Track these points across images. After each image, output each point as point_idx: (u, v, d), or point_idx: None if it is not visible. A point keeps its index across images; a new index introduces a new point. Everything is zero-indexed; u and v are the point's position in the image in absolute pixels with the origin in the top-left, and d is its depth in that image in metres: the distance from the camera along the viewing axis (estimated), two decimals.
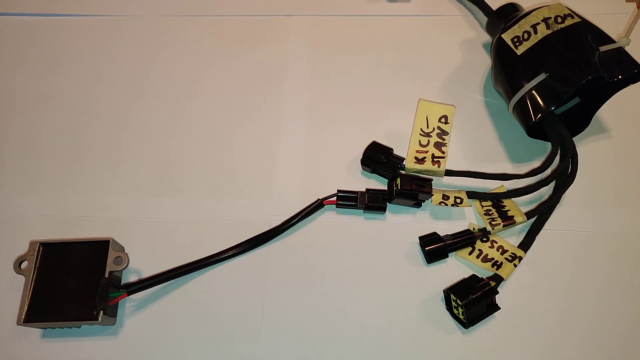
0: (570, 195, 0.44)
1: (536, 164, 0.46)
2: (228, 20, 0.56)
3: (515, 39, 0.44)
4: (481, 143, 0.48)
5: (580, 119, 0.46)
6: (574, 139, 0.45)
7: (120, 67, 0.54)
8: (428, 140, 0.45)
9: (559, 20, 0.43)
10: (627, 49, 0.42)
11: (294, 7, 0.56)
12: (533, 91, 0.42)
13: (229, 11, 0.57)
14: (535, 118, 0.41)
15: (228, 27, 0.56)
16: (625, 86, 0.42)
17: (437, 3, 0.56)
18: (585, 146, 0.47)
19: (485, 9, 0.53)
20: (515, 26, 0.44)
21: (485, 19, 0.53)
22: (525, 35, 0.43)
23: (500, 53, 0.45)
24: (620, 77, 0.41)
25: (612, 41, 0.42)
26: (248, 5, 0.57)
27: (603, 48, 0.42)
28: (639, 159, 0.47)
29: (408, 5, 0.56)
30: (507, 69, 0.45)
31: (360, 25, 0.56)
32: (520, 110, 0.43)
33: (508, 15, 0.49)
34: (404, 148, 0.45)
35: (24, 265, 0.39)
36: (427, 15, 0.56)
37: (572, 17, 0.43)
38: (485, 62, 0.52)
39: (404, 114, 0.49)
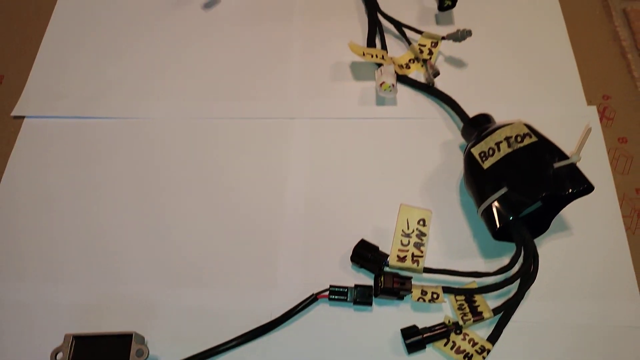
0: (534, 290, 0.51)
1: (505, 260, 0.52)
2: (236, 123, 0.64)
3: (482, 154, 0.51)
4: (456, 240, 0.55)
5: (542, 222, 0.52)
6: (538, 239, 0.51)
7: (138, 164, 0.62)
8: (409, 240, 0.51)
9: (519, 139, 0.50)
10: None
11: (296, 111, 0.64)
12: (496, 202, 0.49)
13: (239, 114, 0.65)
14: (498, 226, 0.48)
15: (236, 128, 0.64)
16: (578, 197, 0.49)
17: (420, 106, 0.64)
18: (548, 243, 0.54)
19: (462, 115, 0.60)
20: (482, 142, 0.52)
21: (461, 123, 0.60)
22: (490, 152, 0.51)
23: (470, 164, 0.52)
24: (571, 191, 0.48)
25: (566, 157, 0.49)
26: (255, 110, 0.65)
27: (557, 164, 0.49)
28: (595, 255, 0.53)
29: (395, 108, 0.64)
30: (475, 179, 0.52)
31: (353, 127, 0.63)
32: (487, 218, 0.49)
33: (480, 124, 0.56)
34: (389, 244, 0.52)
35: (59, 356, 0.46)
36: (412, 118, 0.63)
37: (530, 137, 0.50)
38: (460, 162, 0.60)
39: (389, 211, 0.56)
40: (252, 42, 0.70)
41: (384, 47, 0.68)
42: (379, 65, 0.64)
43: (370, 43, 0.68)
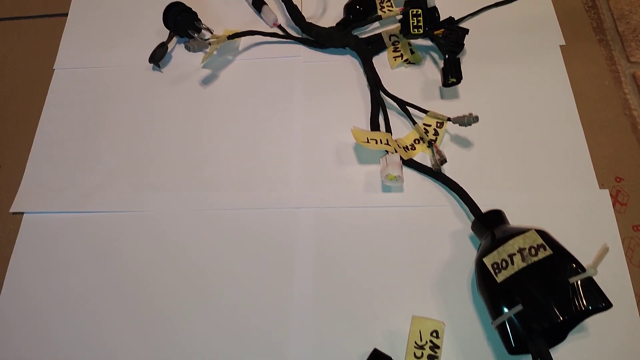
0: None
1: None
2: (238, 214, 0.63)
3: (495, 266, 0.50)
4: (471, 348, 0.53)
5: (560, 331, 0.51)
6: (555, 348, 0.50)
7: (138, 258, 0.61)
8: (422, 352, 0.50)
9: (533, 252, 0.49)
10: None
11: (300, 200, 0.63)
12: (511, 319, 0.47)
13: (241, 205, 0.63)
14: (513, 345, 0.47)
15: (238, 220, 0.62)
16: (595, 314, 0.48)
17: (428, 193, 0.62)
18: (566, 353, 0.52)
19: (472, 207, 0.58)
20: (495, 253, 0.50)
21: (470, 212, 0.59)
22: (504, 264, 0.49)
23: (483, 274, 0.51)
24: (590, 308, 0.46)
25: (583, 269, 0.48)
26: (258, 200, 0.64)
27: (574, 279, 0.47)
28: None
29: (401, 196, 0.63)
30: (489, 290, 0.50)
31: (359, 216, 0.62)
32: (501, 333, 0.48)
33: (492, 223, 0.55)
34: (401, 349, 0.51)
35: None
36: (419, 205, 0.62)
37: (545, 249, 0.49)
38: (471, 255, 0.58)
39: (400, 311, 0.55)
40: (252, 127, 0.69)
41: (387, 127, 0.66)
42: (386, 151, 0.63)
43: (374, 123, 0.66)
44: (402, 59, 0.71)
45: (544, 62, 0.70)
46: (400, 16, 0.74)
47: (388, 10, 0.74)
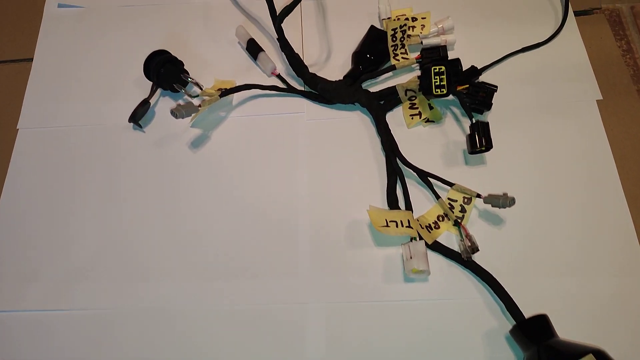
0: None
1: None
2: (237, 310, 0.54)
3: None
4: None
5: None
6: None
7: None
8: None
9: None
10: None
11: (308, 293, 0.54)
12: None
13: (239, 299, 0.55)
14: None
15: (236, 318, 0.54)
16: None
17: (456, 284, 0.54)
18: None
19: (512, 310, 0.50)
20: None
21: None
22: None
23: None
24: None
25: None
26: (259, 293, 0.55)
27: None
28: None
29: (426, 286, 0.54)
30: None
31: (377, 312, 0.53)
32: None
33: (538, 335, 0.47)
34: None
35: None
36: (447, 299, 0.54)
37: None
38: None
39: None
40: (250, 201, 0.59)
41: (407, 202, 0.57)
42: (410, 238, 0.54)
43: (391, 197, 0.58)
44: (420, 117, 0.62)
45: (580, 121, 0.62)
46: (417, 65, 0.65)
47: (403, 58, 0.65)
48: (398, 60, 0.65)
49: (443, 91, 0.58)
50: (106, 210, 0.60)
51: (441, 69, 0.57)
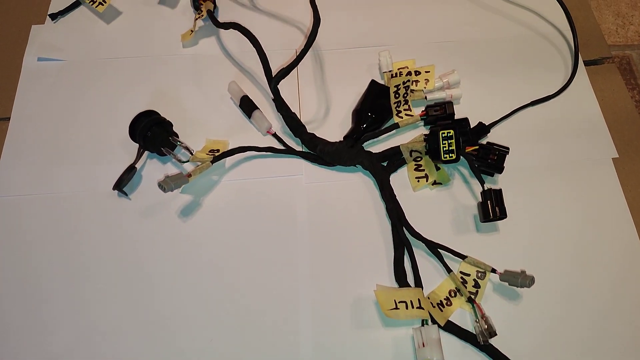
0: None
1: None
2: None
3: None
4: None
5: None
6: None
7: None
8: None
9: None
10: None
11: None
12: None
13: None
14: None
15: None
16: None
17: None
18: None
19: None
20: None
21: None
22: None
23: None
24: None
25: None
26: None
27: None
28: None
29: None
30: None
31: None
32: None
33: None
34: None
35: None
36: None
37: None
38: None
39: None
40: (245, 275, 0.55)
41: (417, 278, 0.53)
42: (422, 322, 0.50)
43: (399, 271, 0.53)
44: (426, 180, 0.58)
45: (596, 182, 0.59)
46: (421, 122, 0.62)
47: (406, 115, 0.62)
48: (401, 117, 0.61)
49: (452, 156, 0.54)
50: (83, 292, 0.54)
51: (449, 132, 0.54)
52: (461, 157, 0.56)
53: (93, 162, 0.61)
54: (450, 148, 0.54)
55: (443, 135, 0.54)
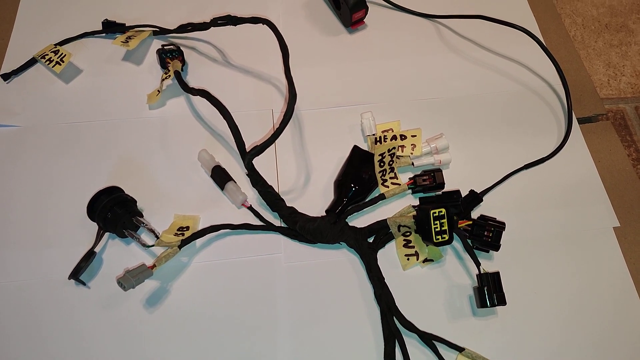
0: None
1: None
2: None
3: None
4: None
5: None
6: None
7: None
8: None
9: None
10: None
11: None
12: None
13: None
14: None
15: None
16: None
17: None
18: None
19: None
20: None
21: None
22: None
23: None
24: None
25: None
26: None
27: None
28: None
29: None
30: None
31: None
32: None
33: None
34: None
35: None
36: None
37: None
38: None
39: None
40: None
41: None
42: None
43: None
44: (417, 259, 0.53)
45: (597, 254, 0.54)
46: (409, 191, 0.57)
47: (393, 184, 0.57)
48: (387, 186, 0.57)
49: (445, 237, 0.49)
50: None
51: (441, 211, 0.49)
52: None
53: (48, 244, 0.55)
54: (442, 228, 0.49)
55: (434, 214, 0.49)
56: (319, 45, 0.69)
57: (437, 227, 0.49)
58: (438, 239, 0.49)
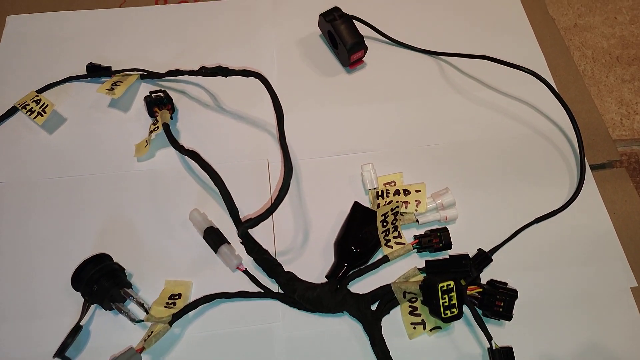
0: None
1: None
2: None
3: None
4: None
5: None
6: None
7: None
8: None
9: None
10: None
11: None
12: None
13: None
14: None
15: None
16: None
17: None
18: None
19: None
20: None
21: None
22: None
23: None
24: None
25: None
26: None
27: None
28: None
29: None
30: None
31: None
32: None
33: None
34: None
35: None
36: None
37: None
38: None
39: None
40: None
41: None
42: None
43: None
44: (424, 328, 0.50)
45: (616, 318, 0.51)
46: (414, 251, 0.54)
47: (396, 244, 0.54)
48: (391, 247, 0.53)
49: (454, 312, 0.46)
50: None
51: (449, 284, 0.46)
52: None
53: (32, 315, 0.52)
54: (451, 302, 0.46)
55: (442, 288, 0.46)
56: (315, 86, 0.66)
57: (445, 302, 0.46)
58: (447, 313, 0.46)
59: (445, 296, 0.46)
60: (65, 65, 0.67)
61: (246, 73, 0.53)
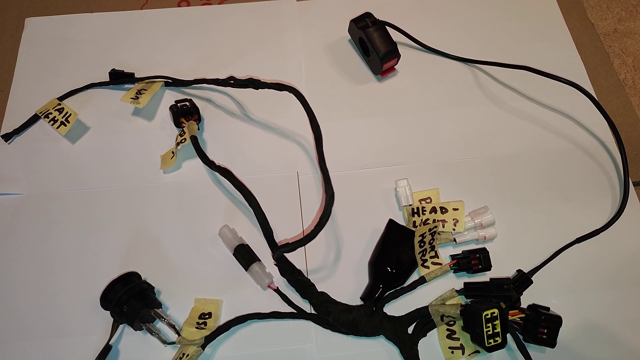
0: None
1: None
2: None
3: None
4: None
5: None
6: None
7: None
8: None
9: None
10: None
11: None
12: None
13: None
14: None
15: None
16: None
17: None
18: None
19: None
20: None
21: None
22: None
23: None
24: None
25: None
26: None
27: None
28: None
29: None
30: None
31: None
32: None
33: None
34: None
35: None
36: None
37: None
38: None
39: None
40: None
41: None
42: None
43: None
44: (462, 352, 0.49)
45: None
46: (451, 271, 0.52)
47: (433, 264, 0.52)
48: (428, 267, 0.52)
49: (498, 341, 0.44)
50: None
51: (494, 312, 0.44)
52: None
53: (57, 334, 0.51)
54: (495, 331, 0.44)
55: (486, 316, 0.44)
56: (345, 95, 0.63)
57: (489, 330, 0.44)
58: (490, 342, 0.44)
59: (489, 324, 0.44)
60: (85, 69, 0.65)
61: (280, 87, 0.51)
